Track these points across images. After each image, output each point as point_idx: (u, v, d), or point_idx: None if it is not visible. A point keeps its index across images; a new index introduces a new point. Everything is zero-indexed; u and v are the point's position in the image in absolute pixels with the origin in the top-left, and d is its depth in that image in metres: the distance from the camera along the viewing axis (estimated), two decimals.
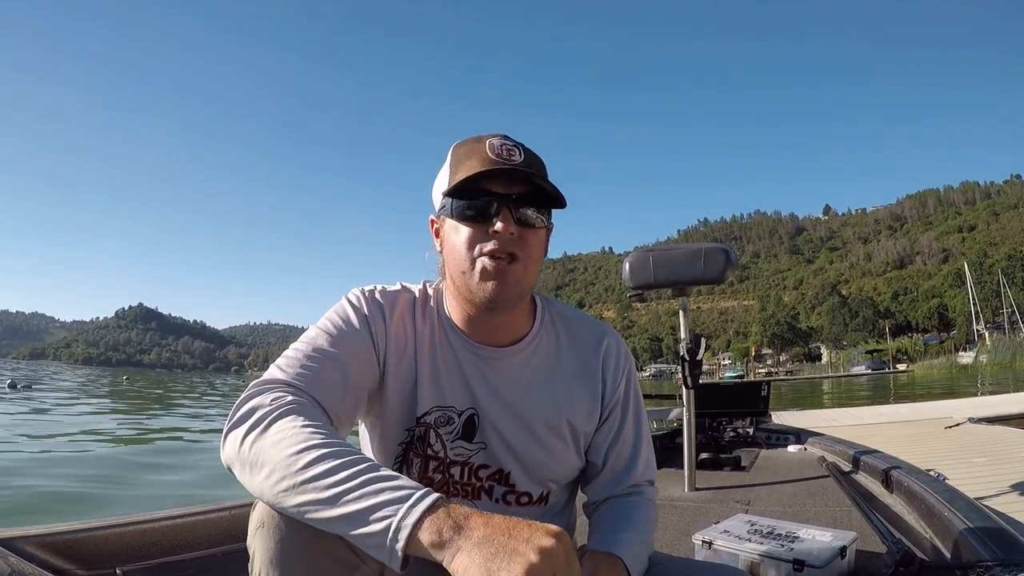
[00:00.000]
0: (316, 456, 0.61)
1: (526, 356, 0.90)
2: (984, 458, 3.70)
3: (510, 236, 0.79)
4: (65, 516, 3.59)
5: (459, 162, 0.82)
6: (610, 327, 0.98)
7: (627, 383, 0.95)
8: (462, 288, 0.83)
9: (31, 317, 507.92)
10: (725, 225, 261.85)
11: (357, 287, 0.89)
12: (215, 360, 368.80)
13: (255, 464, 0.65)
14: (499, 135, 0.83)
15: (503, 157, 0.79)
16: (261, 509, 0.67)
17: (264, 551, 0.66)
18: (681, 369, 2.50)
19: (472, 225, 0.80)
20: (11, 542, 1.10)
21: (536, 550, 0.54)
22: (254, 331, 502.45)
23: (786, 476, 2.67)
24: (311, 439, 0.63)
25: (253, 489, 0.66)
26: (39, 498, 4.89)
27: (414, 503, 0.57)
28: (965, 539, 1.34)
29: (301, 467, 0.61)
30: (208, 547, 1.36)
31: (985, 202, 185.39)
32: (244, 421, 0.68)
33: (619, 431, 0.94)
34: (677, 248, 2.57)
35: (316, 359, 0.78)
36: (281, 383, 0.74)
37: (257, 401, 0.70)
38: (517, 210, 0.80)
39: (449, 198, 0.81)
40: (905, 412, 7.66)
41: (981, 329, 72.20)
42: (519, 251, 0.80)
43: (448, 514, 0.57)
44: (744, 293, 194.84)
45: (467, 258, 0.80)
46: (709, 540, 1.49)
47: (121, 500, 5.00)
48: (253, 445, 0.65)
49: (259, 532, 0.67)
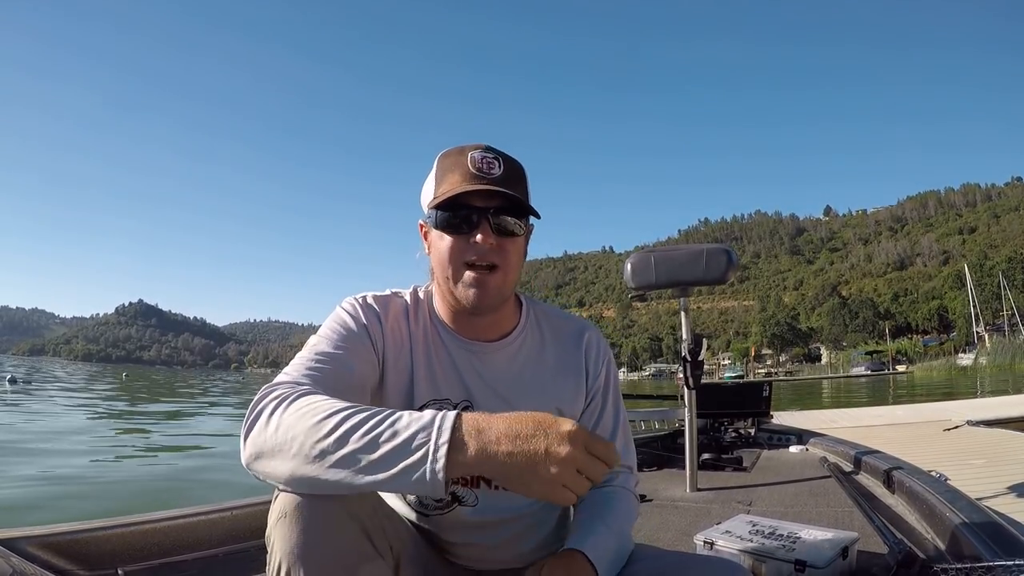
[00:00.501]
0: (342, 417, 0.65)
1: (514, 349, 0.97)
2: (982, 460, 3.70)
3: (489, 247, 0.85)
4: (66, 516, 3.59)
5: (443, 174, 0.88)
6: (589, 322, 1.05)
7: (607, 372, 1.03)
8: (447, 293, 0.91)
9: (31, 313, 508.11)
10: (726, 225, 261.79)
11: (350, 296, 0.95)
12: (215, 357, 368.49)
13: (283, 444, 0.66)
14: (481, 147, 0.88)
15: (483, 171, 0.86)
16: (282, 500, 0.69)
17: (284, 541, 0.67)
18: (683, 370, 2.50)
19: (454, 236, 0.86)
20: (12, 542, 1.10)
21: (557, 462, 0.61)
22: (254, 328, 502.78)
23: (788, 476, 2.67)
24: (334, 405, 0.67)
25: (284, 471, 0.67)
26: (39, 495, 4.90)
27: (441, 424, 0.63)
28: (967, 539, 1.34)
29: (331, 428, 0.64)
30: (210, 547, 1.36)
31: (986, 204, 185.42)
32: (260, 415, 0.71)
33: (600, 417, 1.01)
34: (679, 249, 2.57)
35: (321, 360, 0.82)
36: (290, 383, 0.77)
37: (270, 398, 0.73)
38: (496, 221, 0.86)
39: (434, 209, 0.87)
40: (904, 414, 7.66)
41: (981, 331, 72.12)
42: (498, 260, 0.86)
43: (471, 431, 0.63)
44: (744, 293, 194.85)
45: (450, 267, 0.87)
46: (711, 540, 1.49)
47: (122, 500, 5.01)
48: (277, 429, 0.68)
49: (280, 523, 0.68)
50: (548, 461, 0.61)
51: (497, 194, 0.85)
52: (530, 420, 0.64)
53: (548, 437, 0.62)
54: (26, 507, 4.56)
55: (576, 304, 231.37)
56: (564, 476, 0.61)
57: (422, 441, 0.62)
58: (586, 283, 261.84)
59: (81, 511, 4.33)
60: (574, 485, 0.62)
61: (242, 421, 0.72)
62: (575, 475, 0.62)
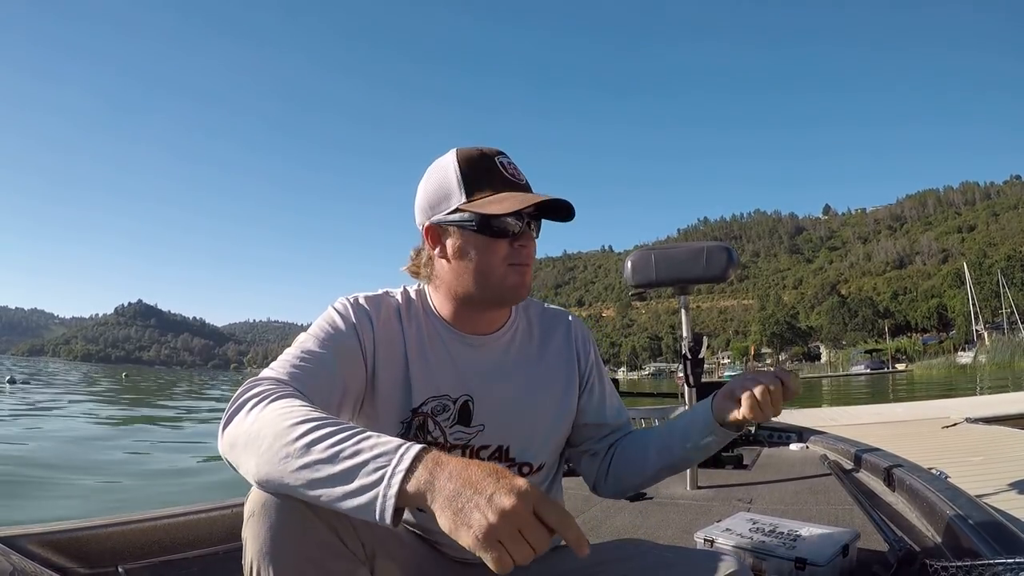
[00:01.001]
0: (314, 425, 0.65)
1: (508, 340, 1.01)
2: (980, 457, 3.70)
3: (530, 250, 0.92)
4: (66, 514, 3.59)
5: (476, 179, 0.89)
6: (570, 312, 1.13)
7: (594, 351, 1.11)
8: (480, 293, 0.92)
9: (30, 313, 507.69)
10: (725, 224, 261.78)
11: (342, 296, 0.97)
12: (214, 357, 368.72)
13: (254, 439, 0.68)
14: (498, 151, 0.92)
15: (516, 178, 0.91)
16: (253, 499, 0.70)
17: (255, 540, 0.69)
18: (683, 368, 2.49)
19: (503, 240, 0.90)
20: (13, 540, 1.10)
21: (497, 512, 0.55)
22: (253, 328, 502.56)
23: (788, 474, 2.67)
24: (309, 413, 0.68)
25: (251, 466, 0.68)
26: (39, 496, 4.89)
27: (403, 452, 0.61)
28: (967, 536, 1.34)
29: (300, 433, 0.64)
30: (210, 545, 1.36)
31: (985, 203, 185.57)
32: (241, 408, 0.73)
33: (602, 390, 1.09)
34: (679, 247, 2.56)
35: (306, 359, 0.84)
36: (273, 379, 0.79)
37: (252, 392, 0.75)
38: (536, 226, 0.94)
39: (469, 214, 0.88)
40: (903, 412, 7.67)
41: (980, 329, 72.16)
42: (530, 262, 0.93)
43: (429, 464, 0.60)
44: (744, 292, 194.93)
45: (492, 271, 0.91)
46: (711, 538, 1.49)
47: (122, 498, 5.01)
48: (253, 424, 0.69)
49: (250, 521, 0.69)
50: (488, 509, 0.55)
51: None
52: (487, 468, 0.59)
53: (497, 485, 0.57)
54: (26, 506, 4.55)
55: (576, 303, 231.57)
56: (501, 530, 0.54)
57: (382, 464, 0.60)
58: (585, 282, 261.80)
59: (81, 509, 4.33)
60: (511, 545, 0.55)
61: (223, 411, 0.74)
62: (514, 534, 0.55)
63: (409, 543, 0.94)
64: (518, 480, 0.58)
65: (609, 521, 2.04)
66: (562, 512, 0.57)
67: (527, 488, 0.57)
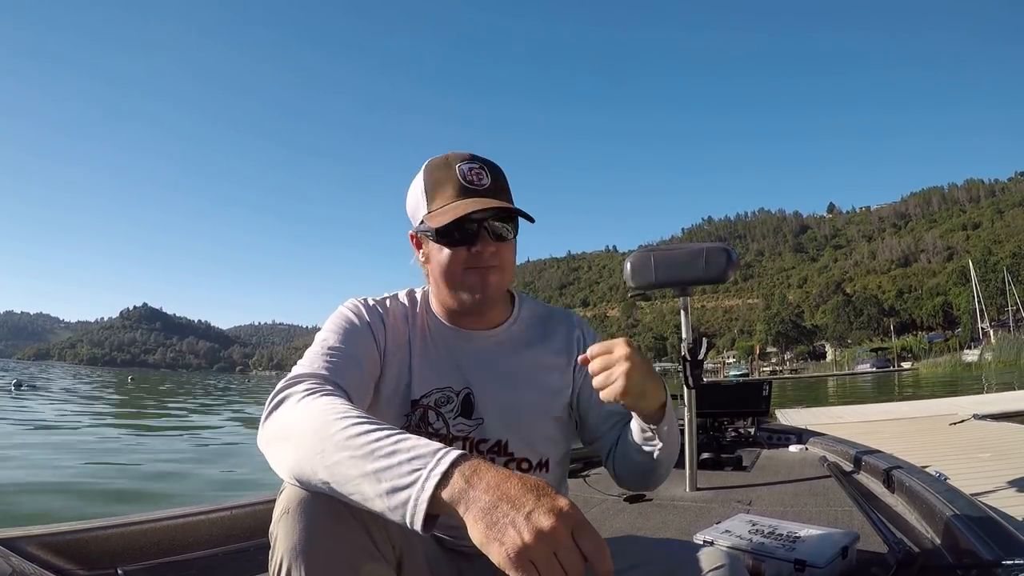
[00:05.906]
0: (354, 422, 0.66)
1: (509, 336, 1.03)
2: (988, 454, 3.69)
3: (490, 254, 0.91)
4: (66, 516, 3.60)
5: (434, 188, 0.93)
6: (574, 312, 1.14)
7: None
8: (447, 298, 0.97)
9: (36, 318, 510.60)
10: (729, 223, 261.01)
11: (351, 299, 1.01)
12: (220, 360, 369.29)
13: (294, 434, 0.69)
14: (466, 157, 0.93)
15: (474, 183, 0.91)
16: (287, 496, 0.70)
17: (287, 537, 0.68)
18: (683, 369, 2.49)
19: (455, 247, 0.91)
20: (12, 542, 1.11)
21: (534, 532, 0.52)
22: (258, 331, 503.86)
23: (787, 476, 2.66)
24: (350, 411, 0.69)
25: (288, 460, 0.69)
26: (39, 495, 4.92)
27: (441, 456, 0.59)
28: (966, 538, 1.34)
29: (339, 429, 0.65)
30: (209, 547, 1.37)
31: (990, 200, 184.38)
32: (283, 402, 0.75)
33: None
34: (678, 248, 2.56)
35: (333, 354, 0.87)
36: (308, 375, 0.81)
37: (292, 389, 0.77)
38: (492, 230, 0.91)
39: (426, 224, 0.92)
40: (909, 409, 7.65)
41: (986, 327, 71.63)
42: (496, 263, 0.93)
43: (466, 471, 0.58)
44: (748, 291, 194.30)
45: (453, 275, 0.93)
46: (711, 540, 1.49)
47: (122, 499, 5.03)
48: (294, 418, 0.71)
49: (284, 518, 0.69)
50: (525, 527, 0.52)
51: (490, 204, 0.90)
52: (528, 482, 0.56)
53: (537, 503, 0.54)
54: (26, 507, 4.58)
55: (580, 304, 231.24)
56: (535, 551, 0.51)
57: (417, 466, 0.59)
58: (590, 283, 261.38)
59: (81, 511, 4.36)
60: (544, 567, 0.51)
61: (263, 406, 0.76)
62: (549, 557, 0.52)
63: (432, 545, 0.93)
64: (560, 499, 0.55)
65: (609, 522, 2.05)
66: (599, 540, 0.54)
67: (569, 509, 0.54)
